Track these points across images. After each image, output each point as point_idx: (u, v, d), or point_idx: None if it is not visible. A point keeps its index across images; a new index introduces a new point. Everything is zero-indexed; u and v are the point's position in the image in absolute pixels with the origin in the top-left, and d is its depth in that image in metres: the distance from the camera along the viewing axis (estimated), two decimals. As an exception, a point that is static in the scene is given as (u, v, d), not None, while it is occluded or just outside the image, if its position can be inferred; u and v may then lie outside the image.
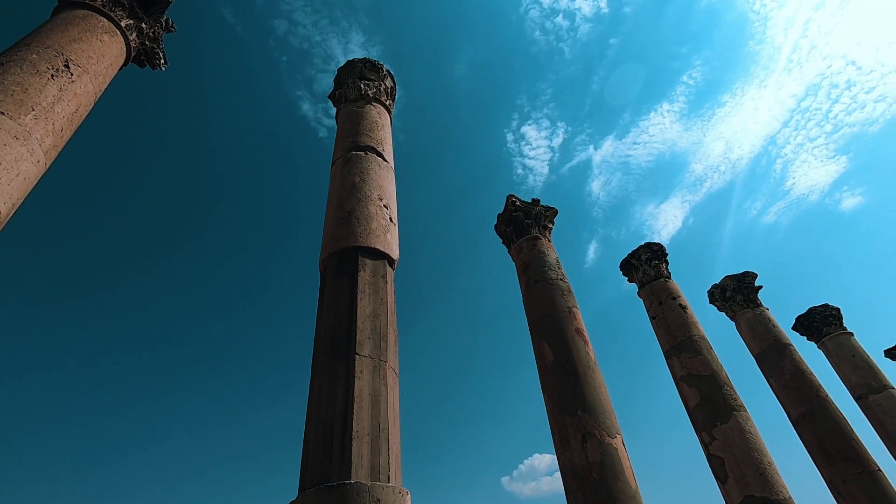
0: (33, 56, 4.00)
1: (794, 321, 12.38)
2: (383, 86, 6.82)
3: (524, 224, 8.28)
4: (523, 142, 49.22)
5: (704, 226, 52.87)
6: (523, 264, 7.82)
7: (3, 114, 3.51)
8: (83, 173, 32.01)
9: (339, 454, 3.16)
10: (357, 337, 3.80)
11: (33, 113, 3.72)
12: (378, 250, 4.57)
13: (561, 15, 45.58)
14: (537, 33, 46.29)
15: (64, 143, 4.16)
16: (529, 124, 49.39)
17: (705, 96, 50.67)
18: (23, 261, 28.65)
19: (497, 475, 45.83)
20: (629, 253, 10.04)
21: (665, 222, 50.28)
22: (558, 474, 5.65)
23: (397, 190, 5.70)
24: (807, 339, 12.17)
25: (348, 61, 7.02)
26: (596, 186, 51.67)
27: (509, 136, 49.71)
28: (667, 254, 9.74)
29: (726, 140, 47.19)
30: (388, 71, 7.03)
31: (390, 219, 5.07)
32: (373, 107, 6.41)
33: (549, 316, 6.76)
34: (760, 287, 10.70)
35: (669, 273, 9.52)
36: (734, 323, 10.76)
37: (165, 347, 36.58)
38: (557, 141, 50.35)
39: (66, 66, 4.18)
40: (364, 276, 4.28)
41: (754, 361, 10.02)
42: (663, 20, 47.84)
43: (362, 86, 6.58)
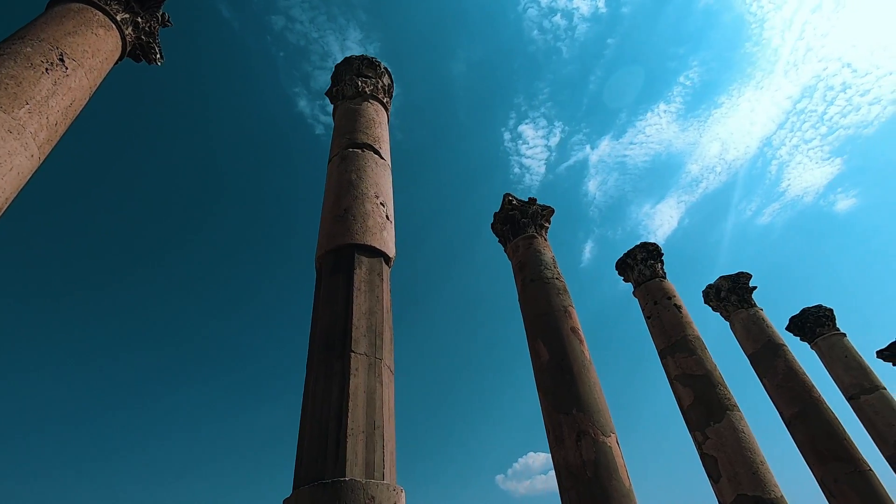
0: (27, 49, 3.97)
1: (788, 322, 12.45)
2: (381, 83, 6.80)
3: (521, 223, 8.28)
4: (520, 141, 49.30)
5: (700, 226, 53.14)
6: (519, 263, 7.83)
7: (-4, 107, 3.48)
8: (78, 169, 31.80)
9: (334, 451, 3.15)
10: (353, 334, 3.79)
11: (27, 107, 3.69)
12: (374, 248, 4.56)
13: (559, 14, 45.68)
14: (535, 32, 46.35)
15: (58, 138, 4.13)
16: (527, 123, 49.52)
17: (702, 97, 50.95)
18: (16, 257, 28.44)
19: (492, 473, 45.97)
20: (625, 253, 10.06)
21: (661, 222, 50.51)
22: (552, 473, 5.67)
23: (394, 188, 5.69)
24: (800, 339, 12.24)
25: (346, 58, 6.99)
26: (592, 186, 51.86)
27: (506, 135, 49.79)
28: (662, 254, 9.78)
29: (722, 141, 47.45)
30: (385, 68, 7.01)
31: (387, 216, 5.06)
32: (370, 104, 6.39)
33: (545, 315, 6.78)
34: (755, 287, 10.76)
35: (665, 273, 9.56)
36: (728, 323, 10.82)
37: (158, 345, 36.44)
38: (554, 140, 50.47)
39: (61, 59, 4.15)
40: (360, 274, 4.28)
41: (748, 361, 10.08)
42: (661, 21, 48.02)
43: (360, 83, 6.56)
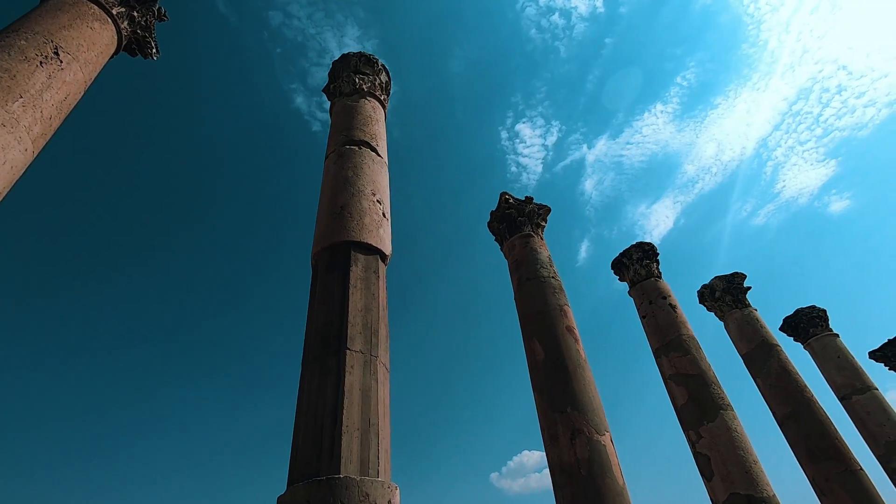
0: (22, 42, 3.93)
1: (782, 322, 12.52)
2: (378, 80, 6.78)
3: (517, 222, 8.29)
4: (517, 140, 49.32)
5: (695, 227, 53.37)
6: (515, 262, 7.83)
7: (-11, 100, 3.45)
8: (72, 164, 31.57)
9: (329, 449, 3.15)
10: (348, 332, 3.79)
11: (21, 100, 3.66)
12: (371, 245, 4.55)
13: (557, 13, 45.67)
14: (533, 31, 46.33)
15: (53, 132, 4.10)
16: (524, 122, 49.54)
17: (698, 98, 51.12)
18: (10, 253, 28.23)
19: (486, 471, 46.14)
20: (621, 252, 10.08)
21: (657, 222, 50.70)
22: (547, 471, 5.69)
23: (391, 185, 5.68)
24: (793, 339, 12.32)
25: (343, 55, 6.96)
26: (589, 185, 51.96)
27: (504, 134, 49.81)
28: (658, 253, 9.81)
29: (718, 142, 47.64)
30: (383, 66, 6.99)
31: (383, 214, 5.05)
32: (367, 101, 6.37)
33: (541, 313, 6.79)
34: (749, 288, 10.81)
35: (660, 273, 9.59)
36: (723, 323, 10.88)
37: (153, 342, 36.28)
38: (551, 139, 50.55)
39: (56, 53, 4.11)
40: (356, 271, 4.27)
41: (742, 361, 10.14)
42: (658, 21, 48.13)
43: (357, 80, 6.53)
